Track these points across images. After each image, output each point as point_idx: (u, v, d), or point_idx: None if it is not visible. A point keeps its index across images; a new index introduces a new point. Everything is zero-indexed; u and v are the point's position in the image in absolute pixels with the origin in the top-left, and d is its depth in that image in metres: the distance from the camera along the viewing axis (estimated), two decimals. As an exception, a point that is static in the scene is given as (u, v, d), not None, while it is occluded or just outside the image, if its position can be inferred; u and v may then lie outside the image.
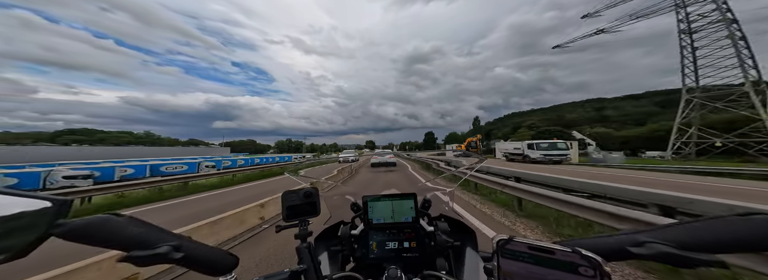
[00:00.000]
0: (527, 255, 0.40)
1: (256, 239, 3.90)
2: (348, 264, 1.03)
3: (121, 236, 0.42)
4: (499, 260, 0.42)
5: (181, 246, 0.46)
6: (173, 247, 0.45)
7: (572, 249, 0.37)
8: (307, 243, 0.72)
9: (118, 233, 0.42)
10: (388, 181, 11.54)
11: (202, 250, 0.50)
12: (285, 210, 0.79)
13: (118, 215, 0.45)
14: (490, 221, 4.60)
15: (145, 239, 0.44)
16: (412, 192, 1.06)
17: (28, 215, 0.37)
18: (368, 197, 1.06)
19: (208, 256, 0.50)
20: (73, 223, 0.39)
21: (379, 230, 1.01)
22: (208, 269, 0.50)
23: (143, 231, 0.45)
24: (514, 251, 0.41)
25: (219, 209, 5.05)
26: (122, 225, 0.43)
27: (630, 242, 0.40)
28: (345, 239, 1.00)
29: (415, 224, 0.99)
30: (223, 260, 0.52)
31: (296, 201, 0.80)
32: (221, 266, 0.52)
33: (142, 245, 0.43)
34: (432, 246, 0.95)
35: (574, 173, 12.50)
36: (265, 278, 0.61)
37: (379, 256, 0.95)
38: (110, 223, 0.42)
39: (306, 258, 0.66)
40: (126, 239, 0.42)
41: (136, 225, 0.45)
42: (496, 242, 0.42)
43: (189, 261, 0.47)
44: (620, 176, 11.52)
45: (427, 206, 1.14)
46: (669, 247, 0.37)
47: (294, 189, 0.81)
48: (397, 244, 0.97)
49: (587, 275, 0.36)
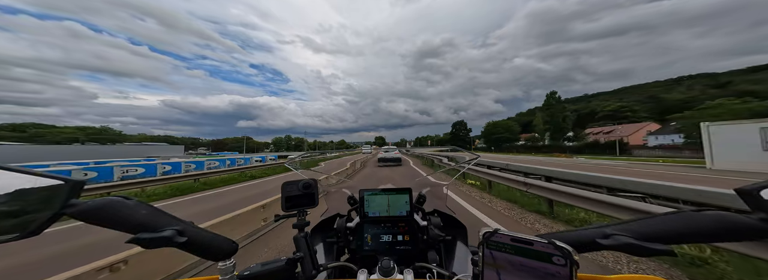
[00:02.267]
0: (510, 246, 0.43)
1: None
2: (343, 255, 1.06)
3: (130, 218, 0.43)
4: (485, 251, 0.44)
5: (184, 231, 0.47)
6: (177, 231, 0.46)
7: (548, 240, 0.40)
8: (305, 233, 0.74)
9: (127, 215, 0.43)
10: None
11: (205, 235, 0.51)
12: (284, 200, 0.80)
13: (126, 198, 0.46)
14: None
15: (152, 222, 0.45)
16: (408, 187, 1.07)
17: (42, 193, 0.39)
18: (366, 190, 1.07)
19: (209, 241, 0.51)
20: (85, 203, 0.40)
21: (374, 223, 1.03)
22: (209, 254, 0.52)
23: (150, 215, 0.46)
24: (498, 242, 0.44)
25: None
26: (131, 208, 0.44)
27: (599, 234, 0.44)
28: (341, 231, 1.02)
29: (409, 219, 1.01)
30: (223, 246, 0.53)
31: (295, 192, 0.81)
32: (222, 252, 0.53)
33: (149, 228, 0.44)
34: (424, 240, 0.98)
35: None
36: (263, 265, 0.62)
37: (373, 248, 0.98)
38: (120, 205, 0.43)
39: (303, 247, 0.68)
40: (134, 222, 0.44)
41: (144, 209, 0.46)
42: (483, 235, 0.45)
43: (191, 246, 0.48)
44: None
45: (421, 201, 1.16)
46: (630, 238, 0.40)
47: (293, 180, 0.83)
48: (391, 237, 0.99)
49: (559, 264, 0.39)
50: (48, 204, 0.39)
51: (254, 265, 0.63)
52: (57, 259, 3.30)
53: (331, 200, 1.29)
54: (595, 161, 20.27)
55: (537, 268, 0.40)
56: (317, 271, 0.67)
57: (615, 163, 18.10)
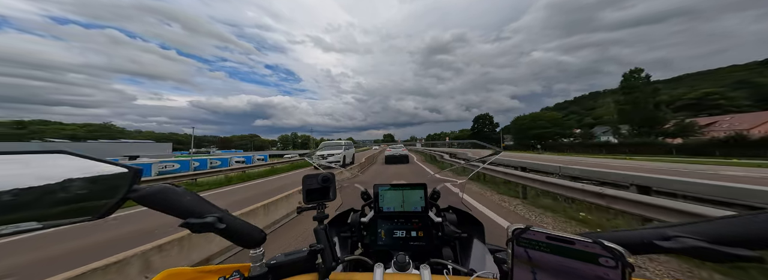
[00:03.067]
0: (545, 244, 0.40)
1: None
2: (357, 250, 1.07)
3: (179, 204, 0.48)
4: (514, 248, 0.42)
5: (223, 218, 0.51)
6: (218, 218, 0.49)
7: (594, 240, 0.37)
8: (324, 225, 0.75)
9: (177, 201, 0.48)
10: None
11: (239, 224, 0.54)
12: (305, 193, 0.82)
13: (176, 185, 0.51)
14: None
15: (197, 209, 0.49)
16: (423, 183, 1.07)
17: (111, 180, 0.44)
18: (380, 185, 1.08)
19: (243, 229, 0.55)
20: (144, 189, 0.46)
21: (387, 218, 1.03)
22: (242, 241, 0.55)
23: (195, 202, 0.50)
24: (530, 240, 0.42)
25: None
26: (180, 195, 0.49)
27: (657, 235, 0.40)
28: (355, 226, 1.04)
29: (424, 214, 1.01)
30: (254, 234, 0.57)
31: (314, 185, 0.82)
32: (253, 240, 0.57)
33: (195, 214, 0.49)
34: (439, 236, 0.97)
35: None
36: (287, 255, 0.65)
37: (387, 243, 0.98)
38: (171, 192, 0.48)
39: (322, 239, 0.69)
40: (182, 208, 0.48)
41: (190, 196, 0.50)
42: (512, 231, 0.43)
43: (229, 233, 0.52)
44: None
45: (436, 197, 1.15)
46: (700, 241, 0.36)
47: (313, 174, 0.85)
48: (405, 233, 0.99)
49: (608, 266, 0.36)
50: (116, 189, 0.44)
51: (279, 255, 0.66)
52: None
53: (345, 194, 1.30)
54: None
55: (579, 268, 0.38)
56: (336, 263, 0.68)
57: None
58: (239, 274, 0.56)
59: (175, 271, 0.58)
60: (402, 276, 0.64)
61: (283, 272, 0.62)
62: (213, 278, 0.57)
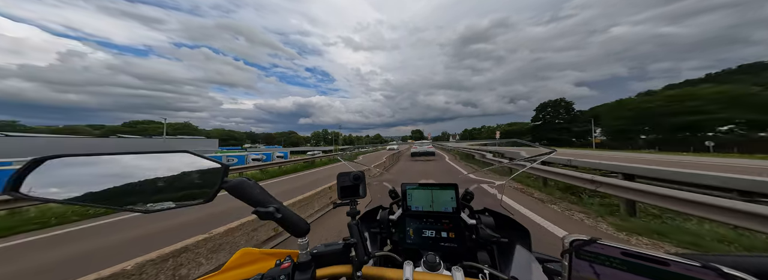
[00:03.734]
0: (619, 261, 0.35)
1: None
2: (385, 246, 1.08)
3: (251, 195, 0.58)
4: (572, 261, 0.38)
5: (279, 209, 0.58)
6: (276, 209, 0.57)
7: (703, 264, 0.30)
8: (357, 221, 0.77)
9: (250, 192, 0.58)
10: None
11: (290, 214, 0.61)
12: (339, 189, 0.87)
13: (249, 179, 0.61)
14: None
15: (262, 199, 0.58)
16: (454, 183, 1.05)
17: (212, 173, 0.57)
18: (408, 184, 1.09)
19: (294, 220, 0.61)
20: (231, 181, 0.57)
21: (416, 217, 1.03)
22: (293, 230, 0.62)
23: (261, 193, 0.60)
24: (597, 254, 0.37)
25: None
26: (251, 187, 0.59)
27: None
28: (383, 223, 1.06)
29: (455, 215, 0.98)
30: (301, 225, 0.63)
31: (347, 183, 0.87)
32: (301, 230, 0.62)
33: (261, 203, 0.57)
34: (473, 239, 0.94)
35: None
36: (325, 246, 0.69)
37: (416, 242, 0.98)
38: (246, 184, 0.59)
39: (355, 233, 0.71)
40: (253, 198, 0.57)
41: (258, 188, 0.60)
42: (570, 242, 0.39)
43: (284, 222, 0.59)
44: None
45: (468, 198, 1.11)
46: None
47: (346, 172, 0.90)
48: (434, 233, 0.97)
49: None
50: (214, 180, 0.57)
51: (319, 245, 0.70)
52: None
53: (373, 192, 1.32)
54: None
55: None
56: (368, 257, 0.70)
57: None
58: (290, 259, 0.63)
59: (248, 250, 0.69)
60: (433, 276, 0.62)
61: (323, 261, 0.66)
62: (272, 260, 0.65)
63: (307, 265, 0.62)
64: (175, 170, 0.55)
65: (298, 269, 0.60)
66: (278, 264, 0.61)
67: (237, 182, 0.57)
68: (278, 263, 0.61)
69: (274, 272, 0.58)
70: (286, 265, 0.60)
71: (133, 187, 0.50)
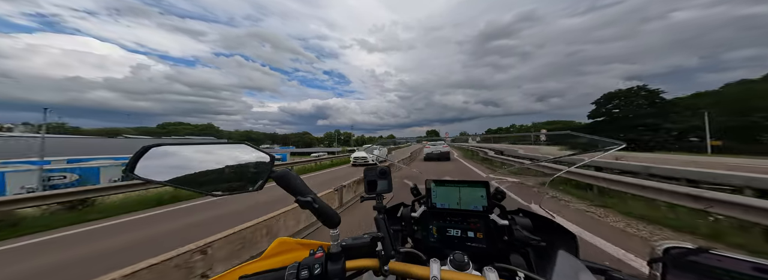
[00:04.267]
0: (738, 275, 0.30)
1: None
2: (406, 244, 1.07)
3: (294, 185, 0.64)
4: (669, 271, 0.35)
5: (316, 199, 0.61)
6: (313, 199, 0.60)
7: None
8: (383, 215, 0.78)
9: (292, 182, 0.64)
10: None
11: (325, 206, 0.63)
12: (366, 184, 0.89)
13: (291, 170, 0.67)
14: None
15: (302, 189, 0.64)
16: (485, 180, 1.01)
17: (262, 163, 0.66)
18: (433, 180, 1.05)
19: (327, 211, 0.64)
20: (277, 171, 0.64)
21: (439, 215, 1.00)
22: (327, 221, 0.64)
23: (301, 184, 0.65)
24: (708, 266, 0.33)
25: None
26: (294, 178, 0.64)
27: None
28: (405, 220, 1.04)
29: (485, 214, 0.95)
30: (334, 216, 0.65)
31: (374, 178, 0.88)
32: (333, 221, 0.64)
33: (300, 193, 0.61)
34: (505, 241, 0.89)
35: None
36: (353, 239, 0.70)
37: (441, 241, 0.95)
38: (289, 175, 0.64)
39: (383, 228, 0.72)
40: (295, 188, 0.61)
41: (298, 179, 0.65)
42: (663, 250, 0.36)
43: (319, 212, 0.61)
44: None
45: (499, 197, 1.05)
46: None
47: (372, 167, 0.92)
48: (460, 232, 0.94)
49: None
50: (263, 170, 0.65)
51: (348, 238, 0.71)
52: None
53: (395, 189, 1.32)
54: None
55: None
56: (395, 252, 0.70)
57: None
58: (322, 250, 0.65)
59: (284, 239, 0.72)
60: (462, 275, 0.60)
61: (352, 253, 0.67)
62: (306, 250, 0.68)
63: (338, 256, 0.63)
64: (235, 159, 0.66)
65: (330, 260, 0.63)
66: (312, 254, 0.63)
67: (282, 173, 0.63)
68: (312, 252, 0.64)
69: (310, 261, 0.61)
70: (320, 255, 0.62)
71: (207, 173, 0.60)
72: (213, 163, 0.62)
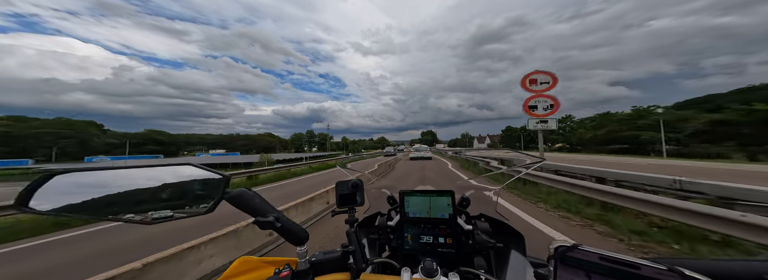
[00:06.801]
0: (597, 266, 0.37)
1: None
2: (384, 252, 1.09)
3: (251, 205, 0.57)
4: (557, 267, 0.40)
5: (279, 218, 0.58)
6: (276, 218, 0.57)
7: (669, 267, 0.33)
8: (355, 228, 0.78)
9: (250, 202, 0.57)
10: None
11: (290, 223, 0.61)
12: (338, 198, 0.88)
13: (249, 189, 0.61)
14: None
15: (262, 209, 0.58)
16: (450, 190, 1.06)
17: (214, 183, 0.58)
18: (405, 191, 1.09)
19: (293, 229, 0.61)
20: (231, 192, 0.57)
21: (414, 223, 1.04)
22: (292, 239, 0.62)
23: (260, 203, 0.60)
24: (579, 260, 0.39)
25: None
26: (251, 197, 0.58)
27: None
28: (382, 229, 1.07)
29: (452, 221, 0.99)
30: (301, 233, 0.63)
31: (346, 191, 0.88)
32: (300, 238, 0.63)
33: (260, 213, 0.57)
34: (470, 245, 0.94)
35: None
36: (324, 254, 0.70)
37: (414, 248, 0.99)
38: (246, 194, 0.59)
39: (354, 241, 0.72)
40: (253, 208, 0.57)
41: (257, 198, 0.59)
42: (555, 249, 0.41)
43: (283, 231, 0.59)
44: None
45: (465, 204, 1.13)
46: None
47: (344, 180, 0.91)
48: (432, 238, 0.99)
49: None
50: (215, 191, 0.58)
51: (318, 253, 0.71)
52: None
53: (371, 198, 1.31)
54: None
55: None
56: (366, 264, 0.71)
57: None
58: (289, 267, 0.62)
59: (247, 258, 0.68)
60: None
61: (322, 268, 0.67)
62: (271, 268, 0.64)
63: (306, 273, 0.62)
64: (178, 181, 0.56)
65: (296, 278, 0.61)
66: (277, 273, 0.60)
67: (237, 193, 0.57)
68: (277, 271, 0.61)
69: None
70: (285, 273, 0.60)
71: (137, 198, 0.51)
72: (145, 187, 0.52)
